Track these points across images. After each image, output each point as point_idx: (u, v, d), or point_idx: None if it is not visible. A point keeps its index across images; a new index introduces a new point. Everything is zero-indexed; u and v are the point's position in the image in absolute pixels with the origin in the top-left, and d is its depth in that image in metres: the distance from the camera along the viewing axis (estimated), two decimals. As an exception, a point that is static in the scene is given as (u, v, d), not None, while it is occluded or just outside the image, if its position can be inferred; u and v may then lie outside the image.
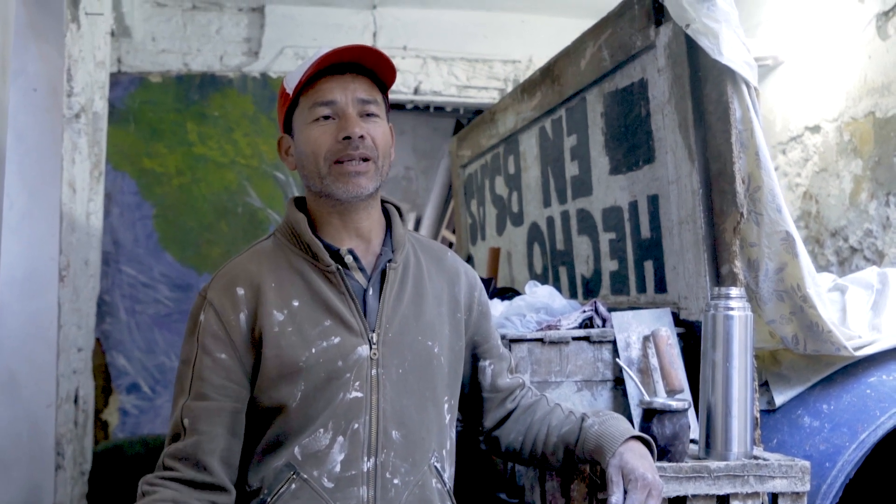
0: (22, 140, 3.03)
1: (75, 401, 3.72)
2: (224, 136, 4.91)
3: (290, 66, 4.94)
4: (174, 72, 4.89)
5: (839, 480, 2.03)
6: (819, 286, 2.20)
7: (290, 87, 1.73)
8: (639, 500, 1.66)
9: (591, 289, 2.97)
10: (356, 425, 1.64)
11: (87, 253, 3.89)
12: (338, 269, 1.69)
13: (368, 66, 1.73)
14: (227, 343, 1.65)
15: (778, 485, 1.91)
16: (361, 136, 1.67)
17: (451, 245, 5.39)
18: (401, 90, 5.03)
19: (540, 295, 2.56)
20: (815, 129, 3.79)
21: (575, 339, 2.30)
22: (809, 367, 2.28)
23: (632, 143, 2.61)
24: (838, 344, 2.16)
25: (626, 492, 1.69)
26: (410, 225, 6.63)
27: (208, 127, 4.91)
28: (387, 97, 1.80)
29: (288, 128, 1.78)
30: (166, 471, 1.60)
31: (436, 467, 1.73)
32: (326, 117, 1.69)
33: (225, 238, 4.86)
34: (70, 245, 3.44)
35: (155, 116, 4.86)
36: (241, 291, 1.67)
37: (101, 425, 4.67)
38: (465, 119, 5.72)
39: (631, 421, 2.14)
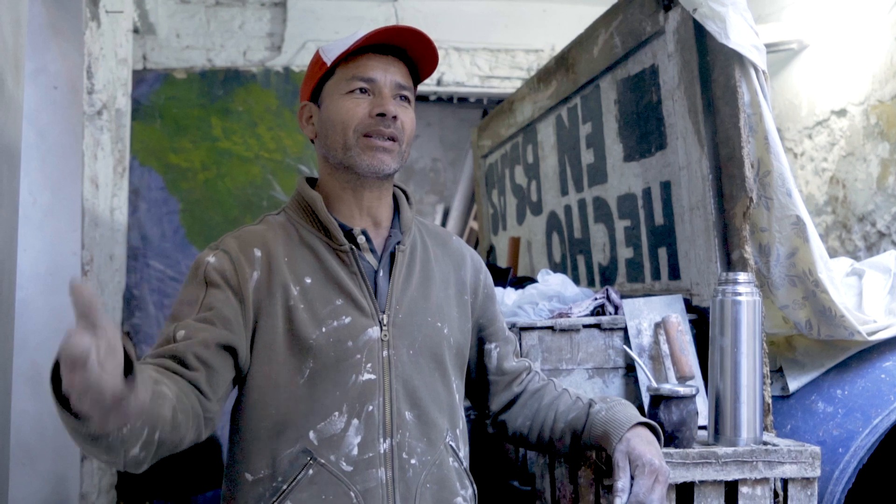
0: (43, 137, 3.09)
1: (102, 393, 3.77)
2: (248, 131, 4.94)
3: (312, 60, 4.96)
4: (198, 67, 4.93)
5: (852, 465, 2.01)
6: (832, 270, 2.18)
7: (328, 57, 1.74)
8: (645, 486, 1.66)
9: (607, 277, 2.96)
10: (370, 407, 1.64)
11: (112, 248, 3.94)
12: (351, 248, 1.69)
13: (410, 54, 1.75)
14: (237, 290, 1.63)
15: (787, 470, 1.90)
16: (394, 117, 1.68)
17: (477, 238, 5.39)
18: (423, 82, 5.02)
19: (552, 283, 2.56)
20: (842, 113, 3.74)
21: (586, 326, 2.30)
22: (824, 352, 2.26)
23: (644, 130, 2.59)
24: (852, 329, 2.14)
25: (632, 477, 1.68)
26: (438, 216, 6.64)
27: (232, 122, 4.94)
28: (416, 90, 1.81)
29: (314, 97, 1.78)
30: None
31: (451, 446, 1.74)
32: (363, 91, 1.70)
33: (251, 232, 4.89)
34: (93, 240, 3.49)
35: (180, 112, 4.90)
36: (258, 252, 1.67)
37: (131, 418, 4.74)
38: (492, 109, 5.71)
39: (641, 408, 2.14)
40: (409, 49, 1.74)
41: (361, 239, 1.72)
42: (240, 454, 1.68)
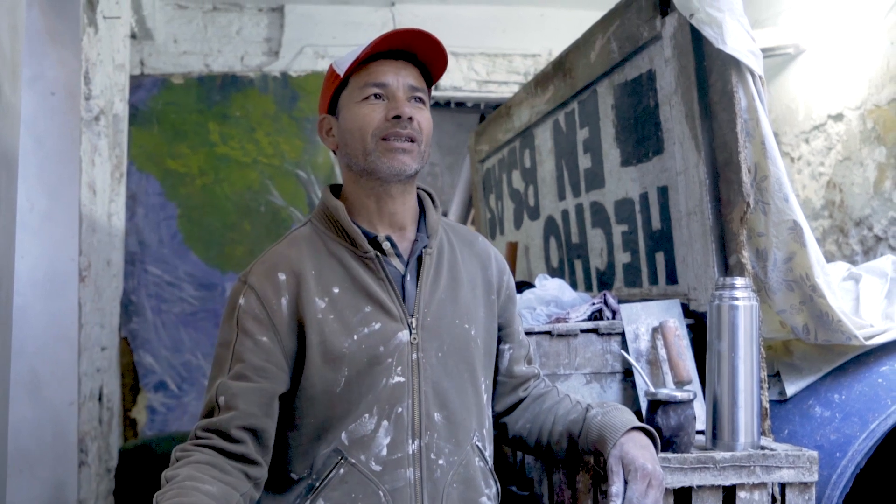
0: (41, 143, 3.09)
1: (99, 399, 3.77)
2: (246, 136, 4.95)
3: (310, 65, 4.98)
4: (196, 73, 4.94)
5: (849, 470, 2.01)
6: (828, 275, 2.18)
7: (340, 69, 1.76)
8: (638, 490, 1.66)
9: (605, 281, 2.96)
10: (400, 409, 1.68)
11: (110, 253, 3.94)
12: (376, 255, 1.72)
13: (421, 57, 1.77)
14: (269, 326, 1.67)
15: (785, 475, 1.90)
16: (410, 118, 1.70)
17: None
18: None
19: (550, 288, 2.56)
20: (838, 118, 3.75)
21: (583, 331, 2.30)
22: (821, 357, 2.26)
23: (641, 135, 2.60)
24: (849, 333, 2.14)
25: (626, 482, 1.68)
26: (436, 221, 6.63)
27: (230, 127, 4.95)
28: (430, 91, 1.83)
29: (331, 110, 1.81)
30: (199, 439, 1.63)
31: (478, 446, 1.77)
32: (377, 96, 1.72)
33: (248, 237, 4.90)
34: (91, 246, 3.49)
35: (178, 118, 4.91)
36: (282, 277, 1.70)
37: (129, 423, 4.74)
38: (489, 114, 5.71)
39: (639, 413, 2.14)
40: (419, 52, 1.76)
41: (386, 245, 1.74)
42: (284, 456, 1.72)
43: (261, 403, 1.64)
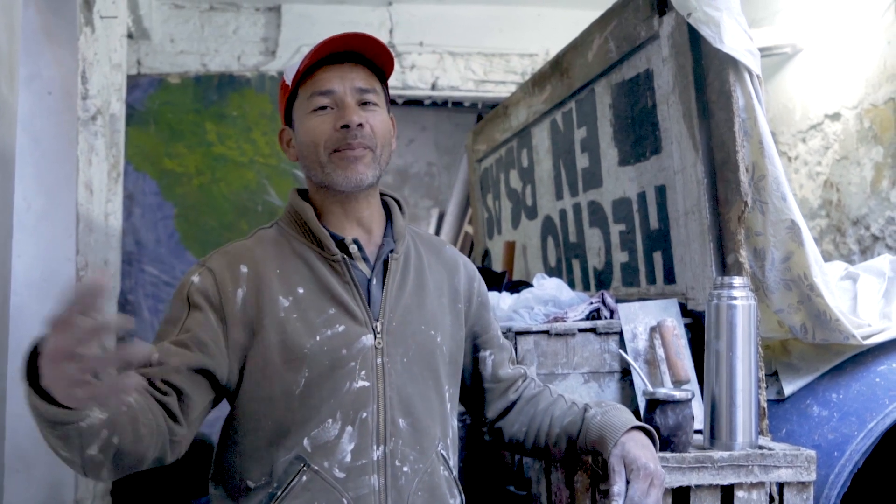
0: (38, 143, 3.08)
1: (97, 399, 3.76)
2: (243, 136, 4.94)
3: (307, 65, 4.97)
4: (192, 72, 4.93)
5: (847, 470, 2.01)
6: (826, 274, 2.18)
7: (289, 79, 1.75)
8: (640, 490, 1.66)
9: (602, 281, 2.96)
10: (364, 414, 1.65)
11: (107, 253, 3.93)
12: (343, 258, 1.69)
13: (367, 55, 1.74)
14: (219, 310, 1.63)
15: (783, 474, 1.90)
16: (360, 125, 1.67)
17: (471, 242, 5.39)
18: (418, 86, 5.04)
19: (548, 287, 2.56)
20: (835, 117, 3.75)
21: (581, 330, 2.30)
22: (819, 356, 2.27)
23: (639, 134, 2.60)
24: (846, 332, 2.14)
25: (627, 482, 1.68)
26: (433, 221, 6.64)
27: (227, 127, 4.94)
28: (386, 87, 1.81)
29: (289, 120, 1.79)
30: None
31: (442, 455, 1.74)
32: (325, 107, 1.70)
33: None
34: (88, 246, 3.48)
35: (174, 117, 4.90)
36: (244, 269, 1.66)
37: (126, 423, 4.73)
38: (486, 113, 5.72)
39: (637, 412, 2.14)
40: (364, 51, 1.73)
41: (353, 248, 1.72)
42: (239, 463, 1.68)
43: (191, 370, 1.58)
